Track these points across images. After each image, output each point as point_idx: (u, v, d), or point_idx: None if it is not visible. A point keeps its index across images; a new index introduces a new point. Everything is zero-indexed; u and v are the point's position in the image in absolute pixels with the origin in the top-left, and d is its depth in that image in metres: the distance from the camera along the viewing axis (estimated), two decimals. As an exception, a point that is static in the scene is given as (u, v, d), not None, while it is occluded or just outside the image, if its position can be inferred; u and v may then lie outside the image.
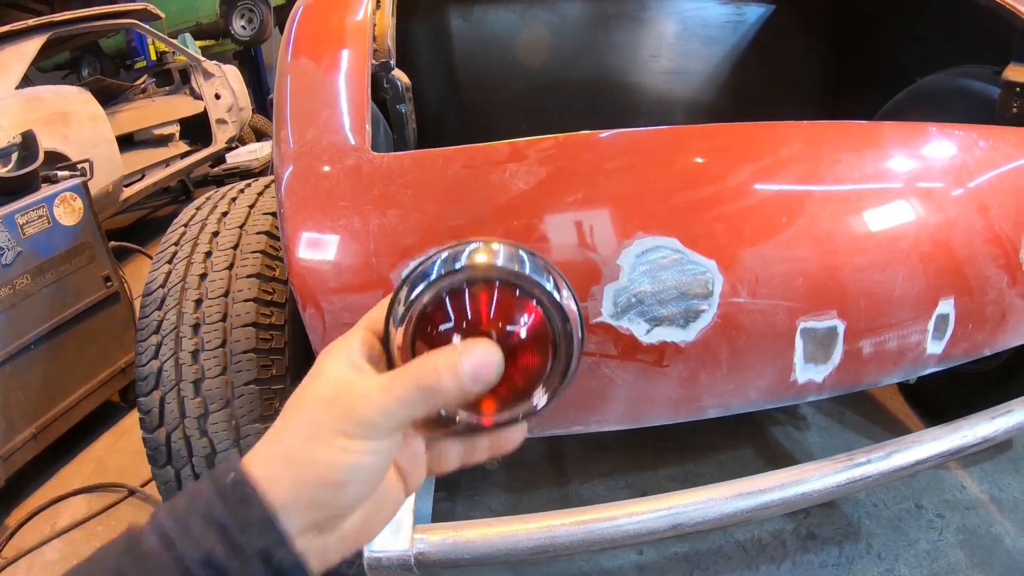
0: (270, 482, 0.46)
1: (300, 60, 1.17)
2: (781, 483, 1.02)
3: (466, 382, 0.46)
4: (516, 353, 0.51)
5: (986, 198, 1.17)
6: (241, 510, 0.44)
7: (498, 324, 0.51)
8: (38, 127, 2.87)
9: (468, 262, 0.50)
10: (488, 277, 0.50)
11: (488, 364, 0.47)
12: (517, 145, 0.99)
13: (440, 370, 0.46)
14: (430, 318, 0.51)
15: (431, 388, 0.46)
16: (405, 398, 0.46)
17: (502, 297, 0.51)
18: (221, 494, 0.45)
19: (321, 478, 0.46)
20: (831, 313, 1.03)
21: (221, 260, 1.32)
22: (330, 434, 0.46)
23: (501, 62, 2.43)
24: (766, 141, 1.06)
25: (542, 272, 0.51)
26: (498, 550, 0.95)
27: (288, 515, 0.45)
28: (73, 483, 2.34)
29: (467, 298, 0.51)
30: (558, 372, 0.52)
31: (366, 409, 0.46)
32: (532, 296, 0.51)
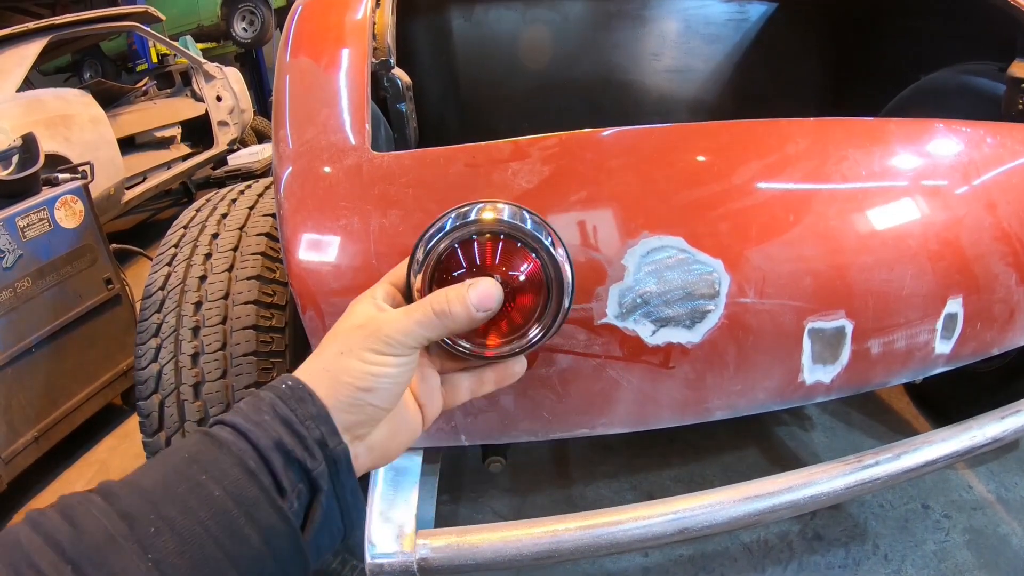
0: (314, 388, 0.55)
1: (299, 59, 1.15)
2: (789, 486, 1.00)
3: (472, 309, 0.58)
4: (515, 295, 0.63)
5: (994, 195, 1.15)
6: (300, 407, 0.54)
7: (501, 269, 0.62)
8: (39, 130, 2.87)
9: (478, 216, 0.62)
10: (494, 230, 0.62)
11: (490, 295, 0.59)
12: (520, 143, 0.97)
13: (451, 299, 0.58)
14: (444, 265, 0.62)
15: (444, 312, 0.58)
16: (423, 320, 0.58)
17: (506, 247, 0.62)
18: (281, 396, 0.54)
19: (353, 384, 0.56)
20: (839, 313, 1.02)
21: (221, 262, 1.31)
22: (360, 350, 0.56)
23: (502, 61, 2.42)
24: (771, 138, 1.05)
25: (541, 229, 0.63)
26: (503, 556, 0.93)
27: (331, 415, 0.55)
28: (75, 486, 2.33)
29: (475, 247, 0.62)
30: (550, 313, 0.64)
31: (390, 329, 0.57)
32: (531, 248, 0.62)
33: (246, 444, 0.51)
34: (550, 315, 0.64)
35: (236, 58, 8.99)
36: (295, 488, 0.52)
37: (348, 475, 0.55)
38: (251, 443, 0.51)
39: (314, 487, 0.53)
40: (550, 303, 0.63)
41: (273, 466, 0.51)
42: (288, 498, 0.51)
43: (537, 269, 0.63)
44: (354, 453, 0.57)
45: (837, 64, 2.55)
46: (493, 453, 1.41)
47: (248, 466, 0.50)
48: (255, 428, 0.52)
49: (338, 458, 0.54)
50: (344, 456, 0.55)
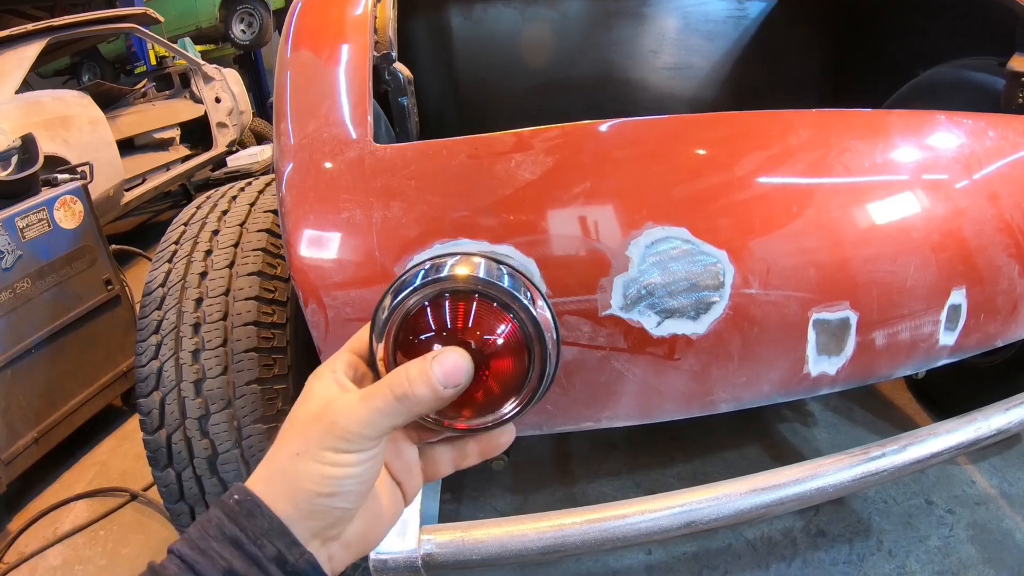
0: (271, 498, 0.49)
1: (300, 52, 1.15)
2: (796, 478, 0.99)
3: (438, 387, 0.50)
4: (493, 361, 0.55)
5: (996, 187, 1.15)
6: (250, 523, 0.48)
7: (475, 333, 0.54)
8: (38, 131, 2.86)
9: (450, 273, 0.54)
10: (468, 288, 0.54)
11: (458, 368, 0.51)
12: (522, 135, 0.97)
13: (413, 378, 0.50)
14: (410, 329, 0.54)
15: (406, 396, 0.50)
16: (383, 408, 0.50)
17: (480, 308, 0.54)
18: (228, 513, 0.48)
19: (313, 491, 0.49)
20: (843, 304, 1.01)
21: (221, 258, 1.30)
22: (317, 450, 0.49)
23: (502, 60, 2.42)
24: (774, 129, 1.04)
25: (519, 286, 0.55)
26: (508, 550, 0.93)
27: (292, 526, 0.49)
28: (75, 488, 2.33)
29: (447, 307, 0.54)
30: (534, 380, 0.56)
31: (347, 422, 0.49)
32: (509, 309, 0.54)
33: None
34: (533, 382, 0.56)
35: (235, 60, 8.98)
36: None
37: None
38: (197, 574, 0.46)
39: None
40: (532, 368, 0.56)
41: None
42: None
43: (515, 331, 0.55)
44: (328, 555, 0.52)
45: (836, 61, 2.55)
46: (496, 450, 1.40)
47: None
48: (201, 558, 0.47)
49: (302, 572, 0.48)
50: (310, 567, 0.49)
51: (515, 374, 0.56)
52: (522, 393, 0.56)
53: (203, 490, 1.25)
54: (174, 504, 1.28)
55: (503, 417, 0.56)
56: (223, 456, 1.22)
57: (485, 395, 0.56)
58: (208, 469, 1.23)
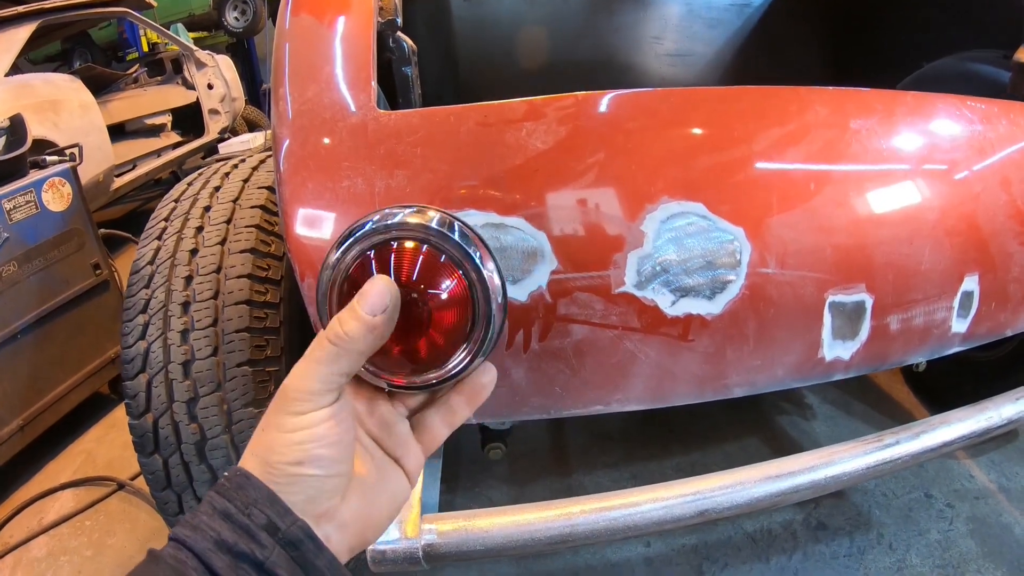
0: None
1: (300, 17, 1.09)
2: (811, 465, 0.97)
3: (366, 317, 0.50)
4: (434, 315, 0.55)
5: (1008, 173, 1.14)
6: (238, 495, 0.48)
7: (420, 286, 0.54)
8: (27, 115, 2.81)
9: (401, 220, 0.55)
10: (416, 236, 0.55)
11: (380, 292, 0.51)
12: (535, 103, 0.92)
13: (343, 318, 0.50)
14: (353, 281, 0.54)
15: (338, 336, 0.50)
16: (322, 356, 0.50)
17: (427, 260, 0.55)
18: (219, 490, 0.49)
19: (281, 462, 0.49)
20: (859, 286, 0.98)
21: (213, 235, 1.25)
22: (276, 418, 0.50)
23: (501, 43, 2.39)
24: (791, 106, 1.01)
25: (470, 242, 0.56)
26: (514, 541, 0.89)
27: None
28: (61, 477, 2.29)
29: (391, 258, 0.54)
30: (477, 338, 0.57)
31: (294, 381, 0.50)
32: (456, 262, 0.55)
33: (184, 552, 0.46)
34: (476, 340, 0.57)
35: (227, 48, 8.87)
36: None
37: (318, 554, 0.49)
38: (189, 549, 0.46)
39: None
40: (476, 324, 0.57)
41: (216, 569, 0.45)
42: None
43: (462, 286, 0.56)
44: (324, 535, 0.51)
45: (838, 51, 2.54)
46: (493, 439, 1.37)
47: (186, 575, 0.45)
48: (192, 533, 0.47)
49: (296, 539, 0.48)
50: (304, 535, 0.48)
51: (458, 327, 0.56)
52: (468, 346, 0.57)
53: (191, 477, 1.21)
54: (161, 492, 1.24)
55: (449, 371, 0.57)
56: (212, 441, 1.18)
57: (429, 347, 0.56)
58: (196, 455, 1.19)
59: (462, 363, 0.57)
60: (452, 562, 0.92)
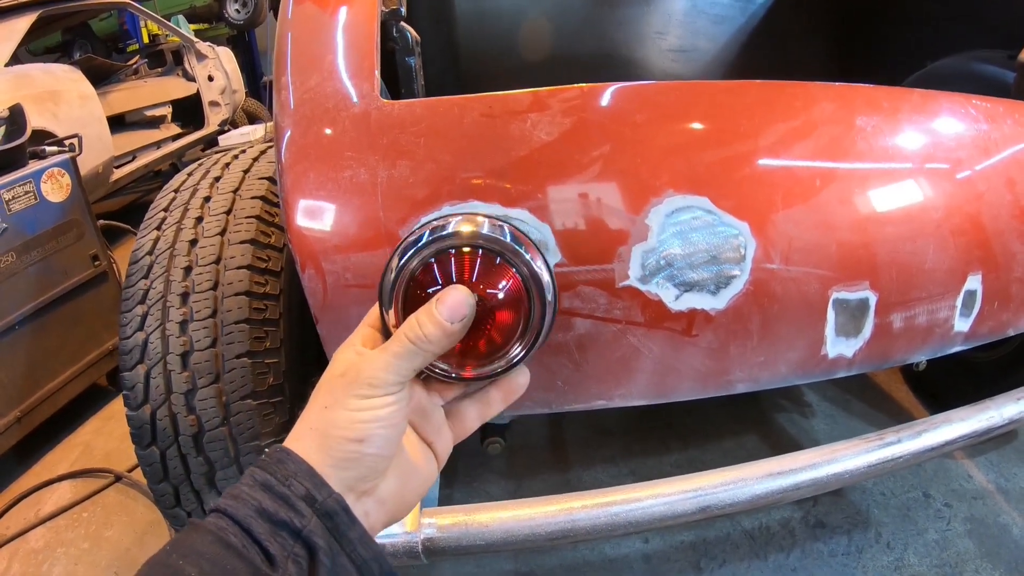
0: (303, 452, 0.52)
1: (303, 6, 1.08)
2: (812, 462, 0.96)
3: (445, 324, 0.55)
4: (495, 312, 0.60)
5: (1013, 173, 1.13)
6: (279, 468, 0.51)
7: (479, 287, 0.59)
8: (26, 105, 2.79)
9: (455, 230, 0.60)
10: (472, 244, 0.59)
11: (459, 303, 0.56)
12: (539, 94, 0.91)
13: (422, 321, 0.55)
14: (417, 286, 0.59)
15: (418, 338, 0.55)
16: (400, 351, 0.54)
17: (484, 263, 0.60)
18: (260, 464, 0.52)
19: (344, 437, 0.52)
20: (863, 284, 0.98)
21: (213, 225, 1.24)
22: (345, 399, 0.53)
23: (503, 36, 2.38)
24: (797, 101, 1.00)
25: (520, 243, 0.61)
26: (514, 536, 0.88)
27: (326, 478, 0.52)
28: (58, 468, 2.29)
29: (452, 264, 0.59)
30: (533, 329, 0.61)
31: (370, 370, 0.54)
32: (510, 262, 0.60)
33: (225, 520, 0.48)
34: (532, 331, 0.61)
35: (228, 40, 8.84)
36: (289, 553, 0.49)
37: (350, 527, 0.52)
38: (230, 517, 0.49)
39: (309, 547, 0.49)
40: (532, 318, 0.61)
41: (256, 535, 0.48)
42: (279, 565, 0.48)
43: (517, 284, 0.60)
44: (364, 510, 0.55)
45: (842, 49, 2.54)
46: (492, 434, 1.37)
47: (228, 541, 0.47)
48: (233, 502, 0.50)
49: (332, 511, 0.51)
50: (339, 507, 0.51)
51: (514, 324, 0.61)
52: (524, 340, 0.61)
53: (188, 469, 1.20)
54: (158, 484, 1.23)
55: (510, 361, 0.61)
56: (210, 434, 1.17)
57: (488, 344, 0.61)
58: (194, 447, 1.18)
59: (519, 354, 0.61)
60: (451, 556, 0.91)
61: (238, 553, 0.47)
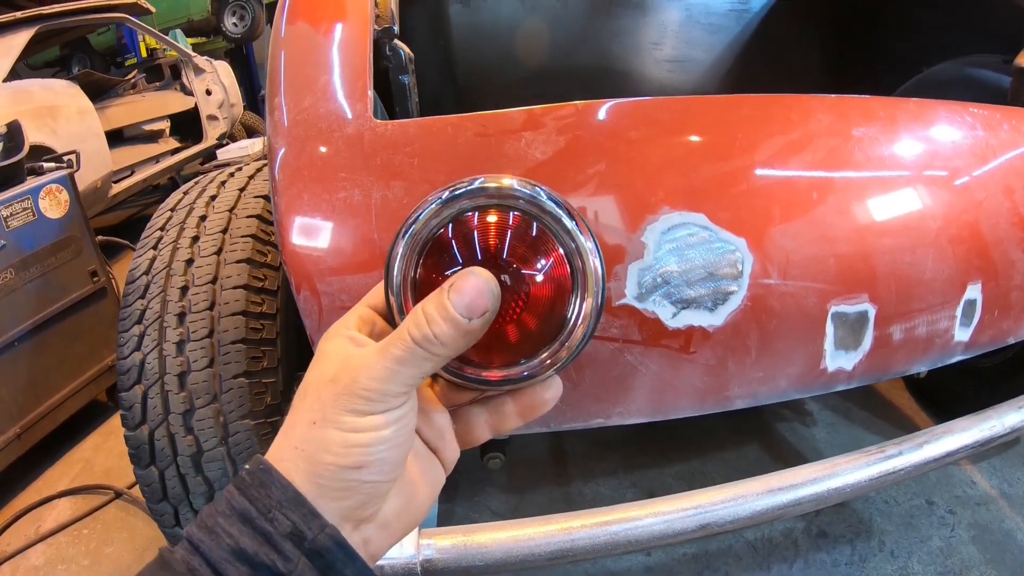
0: (288, 476, 0.42)
1: (296, 25, 1.08)
2: (813, 477, 0.96)
3: (461, 321, 0.42)
4: (529, 299, 0.45)
5: (1011, 180, 1.13)
6: (260, 494, 0.41)
7: (511, 266, 0.44)
8: (25, 120, 2.79)
9: (481, 184, 0.44)
10: (503, 203, 0.44)
11: (480, 291, 0.42)
12: (533, 112, 0.91)
13: (431, 315, 0.42)
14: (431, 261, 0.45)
15: (426, 338, 0.42)
16: (403, 356, 0.42)
17: (516, 232, 0.44)
18: (239, 485, 0.42)
19: (335, 465, 0.42)
20: (862, 297, 0.97)
21: (209, 245, 1.24)
22: (336, 414, 0.42)
23: (500, 49, 2.38)
24: (793, 114, 1.00)
25: (563, 208, 0.44)
26: (513, 556, 0.88)
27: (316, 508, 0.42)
28: (58, 485, 2.28)
29: (475, 232, 0.44)
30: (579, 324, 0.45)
31: (367, 379, 0.42)
32: (552, 231, 0.44)
33: (197, 559, 0.41)
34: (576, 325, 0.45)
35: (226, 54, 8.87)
36: None
37: (348, 563, 0.42)
38: (202, 556, 0.41)
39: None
40: (574, 309, 0.45)
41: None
42: None
43: (559, 262, 0.45)
44: (363, 538, 0.45)
45: (838, 56, 2.54)
46: (493, 449, 1.36)
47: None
48: (207, 537, 0.41)
49: (324, 549, 0.41)
50: (333, 543, 0.42)
51: (556, 314, 0.45)
52: (563, 338, 0.45)
53: (187, 489, 1.20)
54: (157, 504, 1.22)
55: (542, 367, 0.46)
56: (208, 454, 1.16)
57: (522, 337, 0.46)
58: (192, 467, 1.17)
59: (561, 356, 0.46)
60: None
61: None
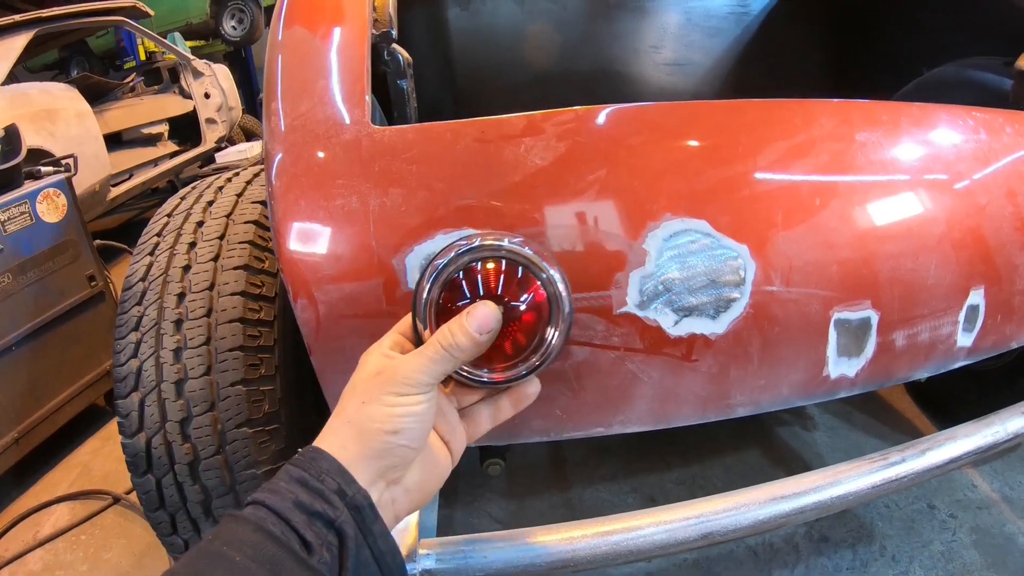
0: (339, 447, 0.59)
1: (293, 30, 1.07)
2: (816, 485, 0.95)
3: (474, 335, 0.62)
4: (519, 319, 0.67)
5: (1013, 184, 1.12)
6: (313, 465, 0.57)
7: (503, 299, 0.66)
8: (23, 124, 2.80)
9: (481, 243, 0.66)
10: (498, 255, 0.66)
11: (488, 317, 0.63)
12: (533, 118, 0.90)
13: (454, 331, 0.62)
14: (448, 298, 0.66)
15: (451, 345, 0.62)
16: (434, 356, 0.61)
17: (508, 273, 0.66)
18: (294, 462, 0.58)
19: (380, 429, 0.59)
20: (865, 303, 0.96)
21: (206, 251, 1.23)
22: (381, 395, 0.60)
23: (499, 53, 2.37)
24: (796, 119, 0.99)
25: (541, 256, 0.67)
26: (514, 566, 0.87)
27: (358, 469, 0.58)
28: (57, 490, 2.27)
29: (479, 277, 0.66)
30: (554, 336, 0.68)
31: (406, 371, 0.61)
32: (533, 272, 0.66)
33: (265, 511, 0.54)
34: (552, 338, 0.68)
35: (225, 56, 8.88)
36: (323, 541, 0.54)
37: (374, 521, 0.58)
38: (269, 508, 0.54)
39: (341, 535, 0.55)
40: (552, 323, 0.67)
41: (294, 524, 0.54)
42: (316, 552, 0.53)
43: (538, 292, 0.67)
44: (392, 497, 0.62)
45: (838, 59, 2.53)
46: (492, 455, 1.35)
47: (268, 530, 0.53)
48: (271, 495, 0.55)
49: (360, 505, 0.57)
50: (366, 503, 0.57)
51: (537, 330, 0.67)
52: (543, 348, 0.68)
53: (184, 497, 1.19)
54: (154, 512, 1.21)
55: (531, 367, 0.68)
56: (205, 462, 1.15)
57: (514, 347, 0.67)
58: (189, 475, 1.16)
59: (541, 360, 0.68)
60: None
61: (278, 540, 0.52)
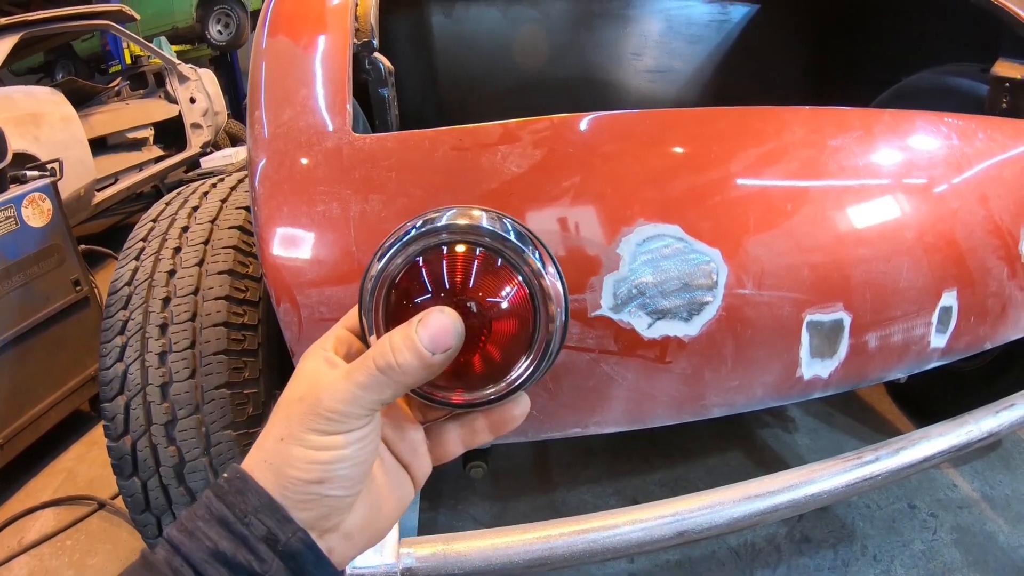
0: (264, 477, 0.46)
1: (276, 39, 1.09)
2: (790, 484, 0.97)
3: (424, 353, 0.45)
4: (494, 325, 0.49)
5: (985, 189, 1.15)
6: (237, 500, 0.45)
7: (477, 295, 0.47)
8: (8, 128, 2.78)
9: (448, 222, 0.47)
10: (469, 239, 0.47)
11: (444, 330, 0.46)
12: (509, 126, 0.93)
13: (396, 345, 0.45)
14: (401, 292, 0.48)
15: (390, 366, 0.45)
16: (365, 382, 0.45)
17: (482, 266, 0.48)
18: (217, 492, 0.46)
19: (300, 478, 0.45)
20: (837, 305, 0.99)
21: (191, 256, 1.24)
22: (301, 432, 0.45)
23: (482, 60, 2.39)
24: (769, 126, 1.02)
25: (527, 241, 0.48)
26: (492, 564, 0.88)
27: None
28: (41, 496, 2.26)
29: (443, 266, 0.47)
30: (538, 350, 0.49)
31: (331, 401, 0.45)
32: (514, 266, 0.48)
33: (180, 560, 0.44)
34: (537, 353, 0.49)
35: (211, 61, 8.86)
36: None
37: (318, 565, 0.46)
38: (183, 558, 0.44)
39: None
40: (537, 334, 0.49)
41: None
42: None
43: (522, 293, 0.48)
44: (328, 547, 0.48)
45: (818, 66, 2.56)
46: (475, 458, 1.37)
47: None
48: (187, 539, 0.44)
49: (295, 552, 0.45)
50: (305, 547, 0.45)
51: (518, 342, 0.49)
52: (527, 363, 0.50)
53: (170, 500, 1.20)
54: (140, 515, 1.22)
55: (509, 387, 0.50)
56: (190, 464, 1.16)
57: (483, 365, 0.50)
58: (175, 478, 1.17)
59: (522, 376, 0.50)
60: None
61: None
